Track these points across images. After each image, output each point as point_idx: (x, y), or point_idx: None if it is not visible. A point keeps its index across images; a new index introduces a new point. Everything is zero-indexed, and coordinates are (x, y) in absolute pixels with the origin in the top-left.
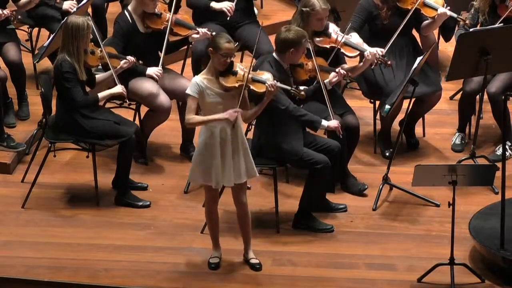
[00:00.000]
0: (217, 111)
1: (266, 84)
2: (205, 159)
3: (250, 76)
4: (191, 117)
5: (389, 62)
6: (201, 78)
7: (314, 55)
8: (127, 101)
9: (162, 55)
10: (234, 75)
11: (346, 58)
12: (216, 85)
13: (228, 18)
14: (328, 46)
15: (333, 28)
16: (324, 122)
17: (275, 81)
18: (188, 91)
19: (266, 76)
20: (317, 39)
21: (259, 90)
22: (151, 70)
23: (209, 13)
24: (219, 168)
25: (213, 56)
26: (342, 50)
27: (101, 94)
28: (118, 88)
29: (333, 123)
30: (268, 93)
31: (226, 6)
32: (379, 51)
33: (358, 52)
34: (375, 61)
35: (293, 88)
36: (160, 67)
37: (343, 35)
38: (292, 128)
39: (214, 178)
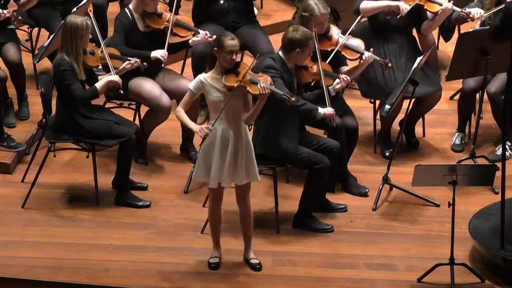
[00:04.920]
0: (220, 109)
1: (259, 86)
2: (206, 157)
3: (249, 77)
4: (179, 109)
5: (389, 65)
6: (206, 76)
7: (320, 59)
8: (121, 91)
9: (167, 39)
10: (236, 75)
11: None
12: (221, 84)
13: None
14: (329, 49)
15: (334, 31)
16: (321, 110)
17: (270, 84)
18: (189, 85)
19: (264, 78)
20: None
21: (253, 92)
22: (156, 53)
23: (208, 13)
24: (217, 167)
25: (218, 55)
26: (343, 53)
27: (98, 84)
28: (115, 77)
29: (329, 110)
30: (261, 95)
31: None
32: (403, 5)
33: (359, 55)
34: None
35: (285, 94)
36: (165, 50)
37: (344, 37)
38: (288, 127)
39: (212, 176)
